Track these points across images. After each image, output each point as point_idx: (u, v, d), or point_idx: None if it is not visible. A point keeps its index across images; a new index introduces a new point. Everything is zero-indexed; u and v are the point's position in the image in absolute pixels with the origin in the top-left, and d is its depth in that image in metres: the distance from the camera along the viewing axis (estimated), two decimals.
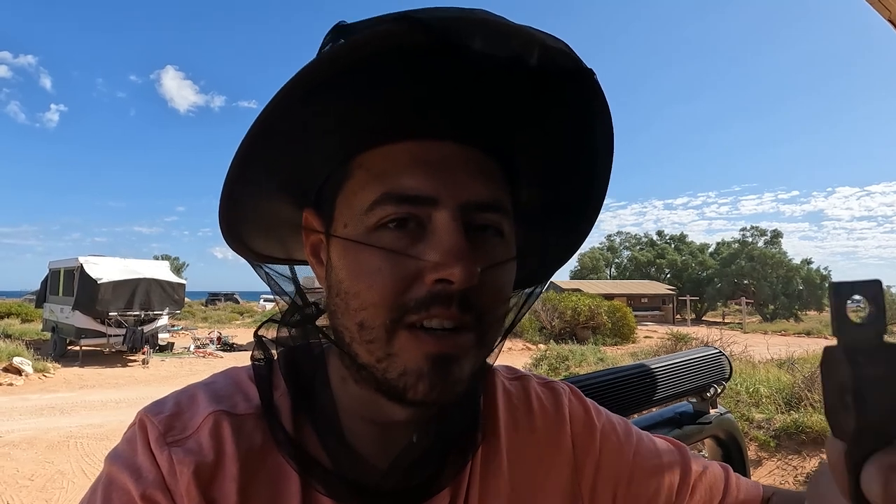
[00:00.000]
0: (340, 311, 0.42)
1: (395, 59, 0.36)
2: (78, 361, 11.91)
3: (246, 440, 0.44)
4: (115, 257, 13.99)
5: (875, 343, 0.21)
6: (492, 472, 0.49)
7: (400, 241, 0.40)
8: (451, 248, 0.38)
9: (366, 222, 0.41)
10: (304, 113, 0.39)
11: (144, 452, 0.42)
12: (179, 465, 0.41)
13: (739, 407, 5.59)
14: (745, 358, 8.40)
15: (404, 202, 0.40)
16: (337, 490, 0.43)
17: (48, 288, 14.29)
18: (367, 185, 0.41)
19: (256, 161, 0.42)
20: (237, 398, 0.47)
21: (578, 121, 0.44)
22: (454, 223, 0.39)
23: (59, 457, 5.50)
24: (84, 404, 7.85)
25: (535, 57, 0.37)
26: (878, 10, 1.27)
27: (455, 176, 0.41)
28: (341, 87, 0.38)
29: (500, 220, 0.43)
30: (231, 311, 30.58)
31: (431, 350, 0.39)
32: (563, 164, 0.48)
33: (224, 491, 0.42)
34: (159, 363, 12.21)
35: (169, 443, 0.42)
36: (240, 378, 0.49)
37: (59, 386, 9.44)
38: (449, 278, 0.38)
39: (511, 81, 0.40)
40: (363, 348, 0.41)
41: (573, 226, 0.52)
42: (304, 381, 0.47)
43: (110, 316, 12.06)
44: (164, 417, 0.44)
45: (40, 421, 6.85)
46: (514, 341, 16.08)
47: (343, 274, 0.42)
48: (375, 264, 0.40)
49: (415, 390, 0.40)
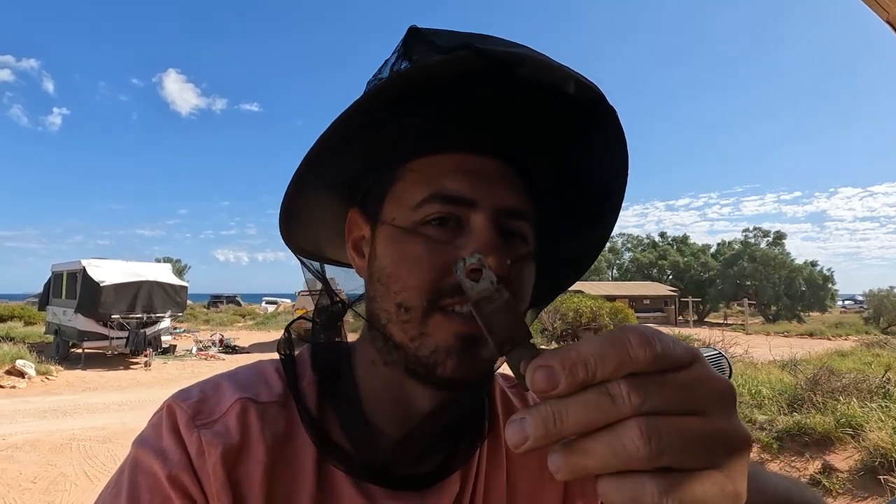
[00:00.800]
0: (380, 296, 0.47)
1: (452, 82, 0.43)
2: (80, 364, 11.93)
3: (270, 426, 0.47)
4: (118, 260, 14.00)
5: (491, 289, 0.31)
6: (493, 466, 0.53)
7: (441, 236, 0.45)
8: (487, 242, 0.44)
9: (413, 217, 0.46)
10: (373, 123, 0.45)
11: (171, 436, 0.45)
12: (209, 446, 0.44)
13: (742, 408, 5.58)
14: (746, 359, 8.37)
15: (448, 202, 0.46)
16: (355, 470, 0.47)
17: (51, 291, 14.29)
18: (416, 186, 0.47)
19: (323, 162, 0.47)
20: (260, 387, 0.50)
21: (595, 151, 0.50)
22: (489, 223, 0.45)
23: (62, 459, 5.51)
24: (87, 407, 7.87)
25: (572, 89, 0.43)
26: (877, 11, 1.27)
27: (492, 185, 0.47)
28: (407, 103, 0.45)
29: (525, 228, 0.48)
30: (233, 314, 30.60)
31: (461, 330, 0.44)
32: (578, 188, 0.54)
33: (249, 473, 0.45)
34: (161, 365, 12.22)
35: (198, 425, 0.45)
36: (263, 369, 0.53)
37: (61, 388, 9.45)
38: None
39: (544, 111, 0.46)
40: (399, 328, 0.46)
41: (581, 247, 0.58)
42: (330, 369, 0.51)
43: (113, 318, 12.07)
44: (193, 402, 0.47)
45: (43, 423, 6.86)
46: None
47: (387, 261, 0.47)
48: (418, 252, 0.45)
49: (444, 366, 0.44)
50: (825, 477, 4.42)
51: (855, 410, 4.97)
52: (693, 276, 42.49)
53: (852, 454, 4.61)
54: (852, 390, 5.47)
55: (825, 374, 5.90)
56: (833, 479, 4.38)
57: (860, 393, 5.42)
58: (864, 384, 5.63)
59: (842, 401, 5.23)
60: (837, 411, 5.05)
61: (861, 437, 4.60)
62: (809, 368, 6.63)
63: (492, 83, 0.43)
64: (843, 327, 23.09)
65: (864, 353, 10.22)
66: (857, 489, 4.25)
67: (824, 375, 5.87)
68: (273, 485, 0.45)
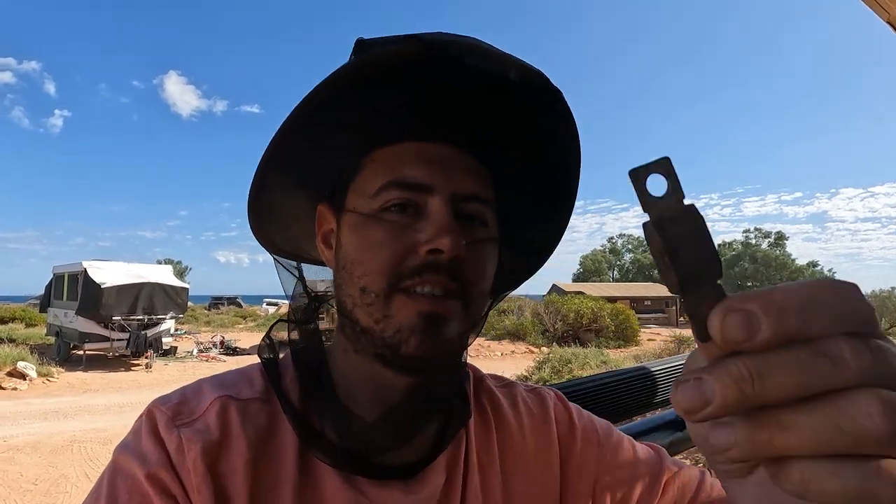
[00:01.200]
0: (345, 282, 0.48)
1: (404, 73, 0.44)
2: (82, 366, 11.94)
3: (251, 421, 0.48)
4: (119, 262, 14.02)
5: (677, 209, 0.24)
6: (486, 463, 0.54)
7: (400, 221, 0.47)
8: (443, 224, 0.45)
9: (372, 205, 0.48)
10: (327, 117, 0.47)
11: (150, 438, 0.45)
12: (188, 443, 0.44)
13: None
14: None
15: (406, 188, 0.47)
16: (338, 461, 0.47)
17: (52, 292, 14.32)
18: (375, 175, 0.49)
19: (283, 160, 0.49)
20: (242, 385, 0.51)
21: (547, 134, 0.51)
22: (446, 207, 0.47)
23: (63, 461, 5.51)
24: (87, 408, 7.88)
25: (514, 75, 0.44)
26: (878, 12, 1.27)
27: (449, 171, 0.48)
28: (360, 95, 0.46)
29: (484, 211, 0.50)
30: (234, 315, 30.61)
31: (423, 308, 0.45)
32: (534, 171, 0.55)
33: (231, 466, 0.45)
34: (162, 367, 12.23)
35: (178, 425, 0.46)
36: (245, 370, 0.54)
37: (62, 390, 9.46)
38: (440, 247, 0.44)
39: (495, 98, 0.48)
40: (364, 312, 0.47)
41: (543, 230, 0.59)
42: (311, 365, 0.52)
43: (114, 320, 12.09)
44: (173, 405, 0.47)
45: (44, 425, 6.87)
46: (517, 344, 16.07)
47: (350, 248, 0.48)
48: (378, 237, 0.46)
49: (407, 344, 0.45)
50: None
51: None
52: None
53: None
54: None
55: None
56: None
57: None
58: None
59: None
60: None
61: None
62: None
63: (441, 73, 0.44)
64: None
65: None
66: None
67: None
68: (256, 477, 0.45)
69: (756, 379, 0.20)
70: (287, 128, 0.45)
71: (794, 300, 0.20)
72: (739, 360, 0.20)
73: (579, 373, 8.75)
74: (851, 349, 0.20)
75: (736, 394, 0.20)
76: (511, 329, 17.11)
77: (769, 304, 0.20)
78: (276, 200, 0.54)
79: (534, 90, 0.46)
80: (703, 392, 0.21)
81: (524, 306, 19.11)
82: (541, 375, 8.63)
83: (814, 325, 0.20)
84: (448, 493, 0.51)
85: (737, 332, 0.20)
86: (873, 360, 0.20)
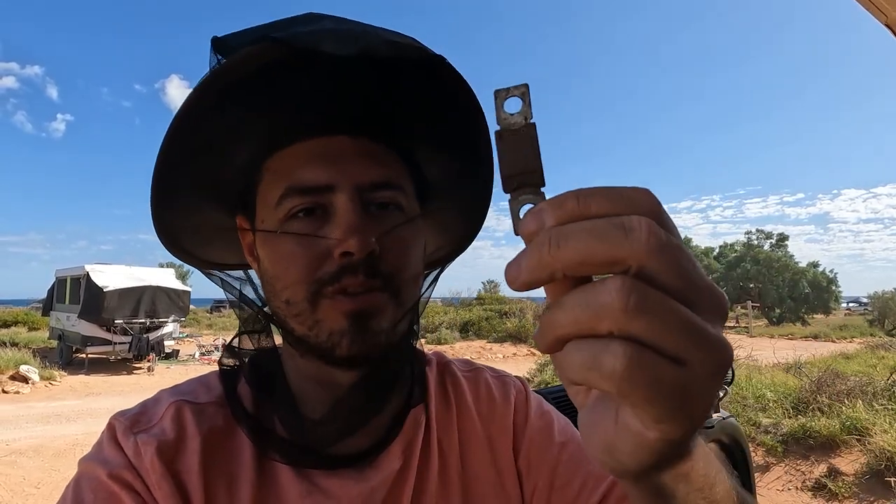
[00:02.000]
0: (272, 296, 0.49)
1: (270, 73, 0.42)
2: (84, 369, 11.94)
3: (207, 422, 0.49)
4: (121, 265, 14.04)
5: (520, 124, 0.27)
6: (446, 449, 0.55)
7: (309, 227, 0.46)
8: (349, 225, 0.44)
9: (277, 215, 0.47)
10: (206, 131, 0.45)
11: (110, 445, 0.47)
12: (144, 445, 0.46)
13: (746, 411, 5.55)
14: (750, 363, 8.33)
15: (305, 193, 0.46)
16: (291, 455, 0.48)
17: (55, 296, 14.34)
18: (274, 184, 0.47)
19: (177, 177, 0.47)
20: (200, 391, 0.52)
21: (440, 100, 0.49)
22: (351, 203, 0.45)
23: (66, 464, 5.50)
24: (90, 412, 7.87)
25: (384, 53, 0.41)
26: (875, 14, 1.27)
27: (348, 163, 0.47)
28: (230, 105, 0.44)
29: (396, 196, 0.49)
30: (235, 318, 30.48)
31: (348, 308, 0.45)
32: (440, 141, 0.54)
33: (187, 464, 0.46)
34: (164, 370, 12.22)
35: (135, 432, 0.47)
36: (205, 378, 0.55)
37: (65, 394, 9.46)
38: (349, 250, 0.44)
39: (376, 77, 0.45)
40: (295, 322, 0.47)
41: (468, 199, 0.58)
42: (262, 370, 0.53)
43: (116, 323, 12.09)
44: (131, 416, 0.49)
45: (47, 429, 6.87)
46: (518, 347, 16.02)
47: (267, 263, 0.48)
48: (289, 249, 0.46)
49: (340, 347, 0.45)
50: (831, 480, 4.38)
51: (860, 413, 4.94)
52: None
53: (858, 458, 4.57)
54: (858, 393, 5.43)
55: (830, 377, 5.86)
56: (839, 482, 4.34)
57: (866, 396, 5.38)
58: (870, 387, 5.59)
59: (847, 403, 5.20)
60: (843, 414, 5.01)
61: (867, 441, 4.56)
62: (814, 371, 6.59)
63: (306, 67, 0.43)
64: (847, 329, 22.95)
65: (869, 355, 10.15)
66: (863, 493, 4.21)
67: (829, 378, 5.83)
68: (212, 474, 0.46)
69: (553, 243, 0.22)
70: (163, 153, 0.44)
71: (581, 191, 0.23)
72: (544, 231, 0.22)
73: None
74: (647, 225, 0.21)
75: (537, 257, 0.22)
76: (512, 331, 17.05)
77: (557, 198, 0.23)
78: (187, 218, 0.53)
79: (411, 63, 0.44)
80: (519, 263, 0.23)
81: (525, 308, 19.06)
82: (542, 378, 8.60)
83: (595, 206, 0.22)
84: (403, 477, 0.51)
85: (529, 225, 0.23)
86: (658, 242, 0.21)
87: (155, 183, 0.46)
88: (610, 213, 0.22)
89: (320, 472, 0.49)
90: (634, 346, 0.21)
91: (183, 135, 0.44)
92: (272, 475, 0.48)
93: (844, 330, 22.92)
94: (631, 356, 0.20)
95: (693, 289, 0.22)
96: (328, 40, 0.40)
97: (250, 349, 0.55)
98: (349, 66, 0.43)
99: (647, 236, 0.21)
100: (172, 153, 0.45)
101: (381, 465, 0.51)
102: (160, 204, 0.48)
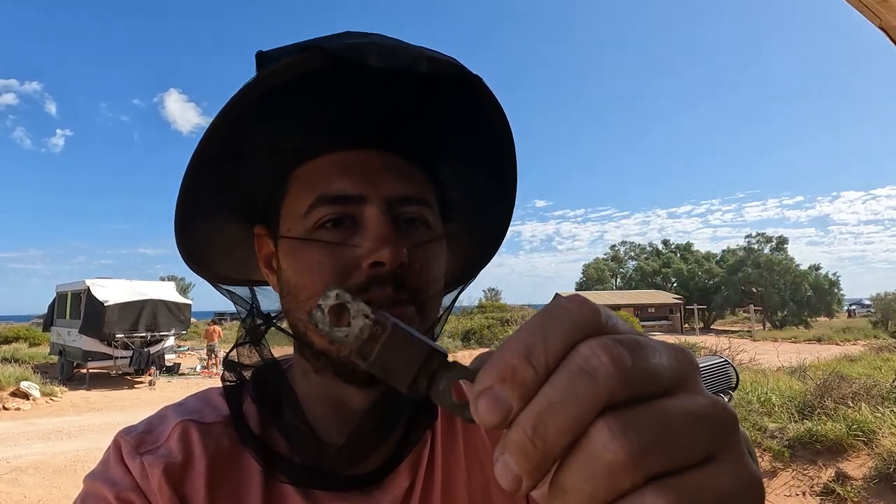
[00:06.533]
0: (293, 307, 0.47)
1: (309, 84, 0.42)
2: (85, 384, 11.89)
3: (213, 443, 0.48)
4: (122, 279, 14.03)
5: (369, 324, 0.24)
6: (451, 463, 0.54)
7: (336, 237, 0.45)
8: (380, 235, 0.44)
9: (305, 224, 0.46)
10: (238, 140, 0.45)
11: (117, 465, 0.46)
12: (150, 467, 0.45)
13: (751, 416, 5.51)
14: (754, 367, 8.30)
15: (336, 202, 0.46)
16: (300, 478, 0.47)
17: (55, 311, 14.31)
18: (303, 194, 0.47)
19: (204, 188, 0.47)
20: (206, 410, 0.51)
21: (473, 121, 0.49)
22: (382, 215, 0.45)
23: (67, 481, 5.46)
24: (91, 427, 7.83)
25: (425, 68, 0.41)
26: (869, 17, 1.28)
27: (378, 176, 0.47)
28: (267, 113, 0.44)
29: (423, 211, 0.48)
30: (237, 331, 30.42)
31: None
32: (468, 162, 0.54)
33: (193, 487, 0.45)
34: (166, 384, 12.17)
35: (141, 452, 0.46)
36: (209, 395, 0.54)
37: (66, 409, 9.41)
38: (380, 260, 0.43)
39: (412, 93, 0.46)
40: (316, 335, 0.46)
41: (491, 218, 0.58)
42: (269, 388, 0.52)
43: (117, 338, 12.07)
44: (137, 434, 0.48)
45: (47, 445, 6.83)
46: None
47: (291, 272, 0.47)
48: (316, 258, 0.45)
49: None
50: (839, 485, 4.34)
51: (866, 416, 4.91)
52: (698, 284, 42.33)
53: (866, 461, 4.54)
54: (863, 396, 5.41)
55: (835, 380, 5.83)
56: (847, 486, 4.31)
57: (871, 398, 5.35)
58: (875, 389, 5.56)
59: (853, 407, 5.17)
60: (849, 417, 4.98)
61: (874, 444, 4.53)
62: (819, 374, 6.56)
63: (348, 79, 0.42)
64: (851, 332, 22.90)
65: (873, 357, 10.12)
66: (872, 497, 4.17)
67: (834, 381, 5.80)
68: (218, 496, 0.46)
69: (536, 437, 0.19)
70: (197, 159, 0.43)
71: (523, 342, 0.20)
72: (517, 424, 0.19)
73: None
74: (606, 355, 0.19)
75: (527, 461, 0.19)
76: None
77: (501, 365, 0.20)
78: (207, 230, 0.52)
79: (449, 81, 0.44)
80: (510, 470, 0.20)
81: (527, 316, 18.88)
82: None
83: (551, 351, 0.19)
84: (410, 496, 0.50)
85: (492, 416, 0.20)
86: (625, 360, 0.19)
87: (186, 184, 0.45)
88: (560, 353, 0.20)
89: (328, 493, 0.48)
90: (668, 485, 0.18)
91: (222, 136, 0.43)
92: (279, 497, 0.47)
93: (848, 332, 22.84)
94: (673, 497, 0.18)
95: (668, 375, 0.20)
96: (374, 53, 0.40)
97: (252, 364, 0.54)
98: (387, 80, 0.43)
99: (613, 367, 0.19)
100: (208, 155, 0.44)
101: (388, 486, 0.50)
102: (186, 212, 0.47)
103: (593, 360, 0.19)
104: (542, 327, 0.20)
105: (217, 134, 0.42)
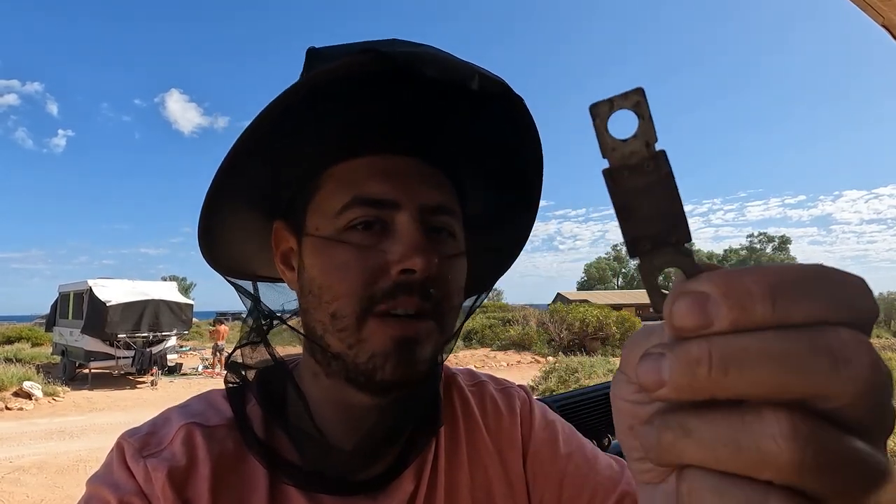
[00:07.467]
0: (313, 307, 0.47)
1: (361, 85, 0.42)
2: (87, 384, 11.91)
3: (217, 446, 0.48)
4: (124, 279, 14.06)
5: (642, 155, 0.19)
6: (455, 466, 0.54)
7: (368, 240, 0.45)
8: (413, 243, 0.44)
9: (336, 224, 0.46)
10: (283, 132, 0.44)
11: (120, 469, 0.46)
12: (154, 471, 0.45)
13: None
14: None
15: (370, 205, 0.45)
16: (305, 481, 0.47)
17: (58, 311, 14.35)
18: (337, 192, 0.47)
19: (237, 177, 0.46)
20: (209, 413, 0.51)
21: (509, 140, 0.50)
22: (415, 223, 0.45)
23: (69, 481, 5.47)
24: (93, 427, 7.85)
25: (476, 84, 0.42)
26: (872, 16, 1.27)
27: (413, 183, 0.47)
28: (315, 111, 0.44)
29: (451, 222, 0.49)
30: (239, 331, 30.47)
31: (396, 333, 0.44)
32: (499, 177, 0.55)
33: (197, 490, 0.45)
34: (168, 384, 12.19)
35: (144, 455, 0.46)
36: (213, 397, 0.53)
37: (68, 409, 9.43)
38: (412, 267, 0.43)
39: (457, 106, 0.46)
40: (335, 337, 0.45)
41: (510, 235, 0.59)
42: (274, 390, 0.51)
43: (119, 338, 12.09)
44: (140, 437, 0.48)
45: (50, 445, 6.84)
46: (522, 354, 15.97)
47: (315, 271, 0.46)
48: (345, 259, 0.45)
49: (382, 371, 0.44)
50: None
51: None
52: None
53: None
54: None
55: None
56: None
57: None
58: None
59: None
60: None
61: None
62: None
63: (399, 85, 0.43)
64: None
65: None
66: None
67: None
68: (221, 500, 0.45)
69: (716, 367, 0.16)
70: (241, 148, 0.43)
71: (774, 280, 0.17)
72: (706, 341, 0.17)
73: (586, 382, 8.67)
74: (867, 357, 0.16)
75: (689, 379, 0.17)
76: (516, 339, 17.01)
77: (736, 284, 0.17)
78: (228, 220, 0.52)
79: (494, 98, 0.45)
80: (660, 370, 0.18)
81: (529, 316, 19.02)
82: (547, 385, 8.56)
83: (801, 311, 0.16)
84: (415, 499, 0.50)
85: (685, 319, 0.17)
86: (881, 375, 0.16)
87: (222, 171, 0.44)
88: (810, 320, 0.17)
89: (333, 497, 0.48)
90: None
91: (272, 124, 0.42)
92: (284, 501, 0.47)
93: None
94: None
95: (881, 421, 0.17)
96: (430, 64, 0.40)
97: (254, 365, 0.53)
98: (437, 92, 0.43)
99: (867, 373, 0.16)
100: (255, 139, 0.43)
101: (393, 490, 0.50)
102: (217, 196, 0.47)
103: (848, 352, 0.16)
104: (811, 279, 0.17)
105: (267, 121, 0.42)
